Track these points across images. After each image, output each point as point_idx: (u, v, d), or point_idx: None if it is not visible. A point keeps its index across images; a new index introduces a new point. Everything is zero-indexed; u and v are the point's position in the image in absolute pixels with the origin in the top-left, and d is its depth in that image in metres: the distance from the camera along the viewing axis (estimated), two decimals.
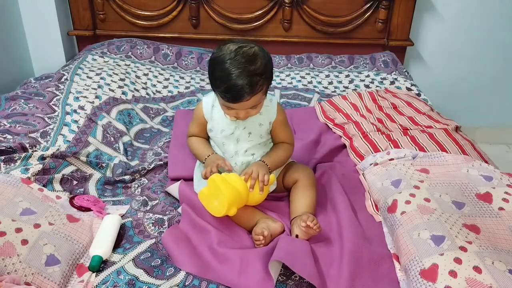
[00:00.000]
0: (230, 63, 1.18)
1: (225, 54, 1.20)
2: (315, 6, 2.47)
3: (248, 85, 1.17)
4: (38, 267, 1.09)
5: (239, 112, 1.26)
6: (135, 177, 1.54)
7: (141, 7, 2.48)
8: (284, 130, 1.40)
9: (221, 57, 1.20)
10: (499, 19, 2.58)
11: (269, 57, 1.25)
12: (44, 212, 1.25)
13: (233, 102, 1.21)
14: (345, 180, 1.51)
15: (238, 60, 1.18)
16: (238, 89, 1.17)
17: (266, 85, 1.24)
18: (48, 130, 1.64)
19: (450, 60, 2.70)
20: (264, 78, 1.21)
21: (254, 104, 1.24)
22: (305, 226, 1.20)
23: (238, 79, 1.17)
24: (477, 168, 1.43)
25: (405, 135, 1.69)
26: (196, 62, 2.44)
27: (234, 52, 1.19)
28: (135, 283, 1.11)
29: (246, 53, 1.19)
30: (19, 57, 2.45)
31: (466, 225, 1.18)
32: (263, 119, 1.36)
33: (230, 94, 1.19)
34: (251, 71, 1.18)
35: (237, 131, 1.34)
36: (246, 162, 1.37)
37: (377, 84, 2.29)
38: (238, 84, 1.17)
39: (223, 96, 1.22)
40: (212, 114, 1.37)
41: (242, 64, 1.18)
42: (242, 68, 1.17)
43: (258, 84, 1.20)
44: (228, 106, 1.25)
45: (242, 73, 1.17)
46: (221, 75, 1.19)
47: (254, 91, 1.20)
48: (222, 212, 1.23)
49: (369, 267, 1.15)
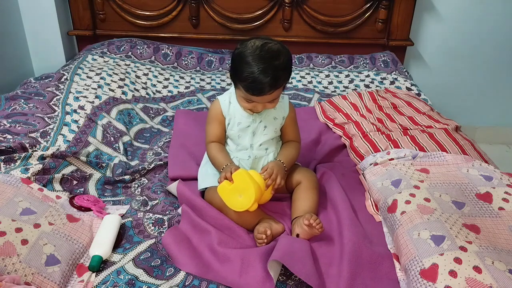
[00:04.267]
0: (256, 58, 1.23)
1: (250, 49, 1.25)
2: (315, 6, 2.47)
3: (272, 79, 1.23)
4: (38, 267, 1.09)
5: (258, 106, 1.31)
6: (135, 177, 1.54)
7: (141, 7, 2.48)
8: (295, 128, 1.46)
9: (247, 52, 1.25)
10: (499, 19, 2.58)
11: (290, 54, 1.31)
12: (44, 212, 1.25)
13: (256, 95, 1.26)
14: (345, 180, 1.51)
15: (263, 56, 1.23)
16: (262, 83, 1.23)
17: (287, 80, 1.30)
18: (48, 130, 1.64)
19: (450, 60, 2.70)
20: (286, 73, 1.28)
21: (274, 98, 1.30)
22: (308, 225, 1.20)
23: (263, 73, 1.22)
24: (477, 168, 1.43)
25: (405, 135, 1.69)
26: (196, 62, 2.44)
27: (260, 48, 1.25)
28: (135, 283, 1.11)
29: (271, 49, 1.25)
30: (19, 57, 2.45)
31: (466, 225, 1.18)
32: (277, 114, 1.41)
33: (254, 88, 1.24)
34: (275, 66, 1.23)
35: (254, 124, 1.39)
36: (259, 156, 1.41)
37: (377, 84, 2.29)
38: (263, 78, 1.22)
39: (247, 89, 1.26)
40: (229, 110, 1.41)
41: (267, 59, 1.23)
42: (268, 63, 1.23)
43: (281, 79, 1.26)
44: (249, 99, 1.29)
45: (267, 68, 1.22)
46: (246, 69, 1.24)
47: (276, 86, 1.25)
48: (246, 207, 1.25)
49: (369, 267, 1.15)
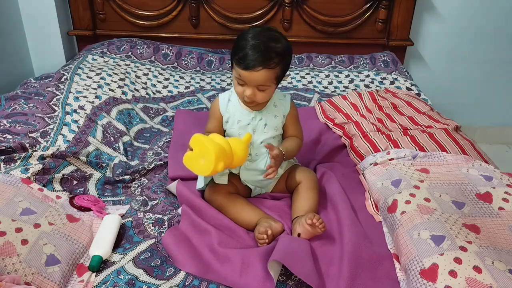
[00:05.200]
0: (254, 36, 1.27)
1: (252, 29, 1.31)
2: (315, 6, 2.47)
3: (262, 56, 1.24)
4: (38, 267, 1.09)
5: (248, 89, 1.30)
6: (135, 177, 1.54)
7: (141, 7, 2.48)
8: (297, 126, 1.46)
9: (248, 32, 1.30)
10: (499, 19, 2.58)
11: (291, 50, 1.32)
12: (44, 212, 1.25)
13: (244, 69, 1.26)
14: (345, 180, 1.51)
15: (261, 34, 1.28)
16: (254, 55, 1.24)
17: (279, 69, 1.29)
18: (48, 130, 1.64)
19: (450, 60, 2.70)
20: (280, 60, 1.27)
21: (262, 82, 1.28)
22: (311, 224, 1.20)
23: (255, 47, 1.25)
24: (477, 168, 1.43)
25: (405, 135, 1.69)
26: (196, 62, 2.44)
27: (261, 30, 1.30)
28: (135, 283, 1.11)
29: (272, 34, 1.29)
30: (19, 57, 2.45)
31: (466, 225, 1.18)
32: (278, 111, 1.40)
33: (244, 59, 1.25)
34: (270, 46, 1.26)
35: (254, 122, 1.38)
36: (260, 154, 1.40)
37: (377, 84, 2.29)
38: (254, 52, 1.24)
39: (237, 62, 1.27)
40: (228, 107, 1.41)
41: (265, 38, 1.27)
42: (263, 41, 1.25)
43: (272, 59, 1.26)
44: (240, 79, 1.29)
45: (261, 44, 1.25)
46: (241, 44, 1.28)
47: (266, 64, 1.25)
48: (210, 168, 1.20)
49: (369, 267, 1.15)
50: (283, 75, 1.33)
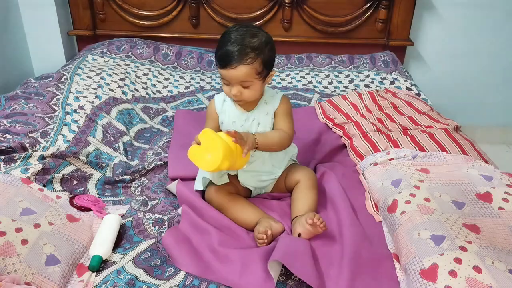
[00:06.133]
0: (230, 33, 1.29)
1: (232, 27, 1.32)
2: (315, 6, 2.47)
3: (238, 52, 1.25)
4: (38, 267, 1.09)
5: (233, 88, 1.30)
6: (135, 177, 1.54)
7: (141, 7, 2.48)
8: (284, 119, 1.39)
9: (228, 30, 1.31)
10: (499, 19, 2.58)
11: (271, 44, 1.32)
12: (44, 212, 1.25)
13: (222, 67, 1.27)
14: (345, 180, 1.51)
15: (238, 32, 1.28)
16: (228, 52, 1.25)
17: (258, 64, 1.27)
18: (48, 130, 1.64)
19: (450, 60, 2.70)
20: (257, 54, 1.26)
21: (243, 78, 1.27)
22: (312, 224, 1.20)
23: (231, 45, 1.26)
24: (477, 168, 1.43)
25: (405, 135, 1.69)
26: (196, 62, 2.44)
27: (239, 27, 1.30)
28: (135, 283, 1.11)
29: (250, 30, 1.29)
30: (19, 57, 2.45)
31: (466, 225, 1.18)
32: (269, 108, 1.39)
33: (221, 58, 1.27)
34: (245, 43, 1.26)
35: (247, 122, 1.38)
36: (257, 155, 1.39)
37: (377, 84, 2.29)
38: (229, 48, 1.25)
39: (216, 62, 1.30)
40: (223, 108, 1.41)
41: (240, 35, 1.27)
42: (239, 38, 1.26)
43: (248, 55, 1.25)
44: (223, 79, 1.31)
45: (237, 41, 1.26)
46: (220, 43, 1.29)
47: (242, 60, 1.25)
48: (216, 164, 1.20)
49: (369, 267, 1.15)
50: (266, 70, 1.31)
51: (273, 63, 1.34)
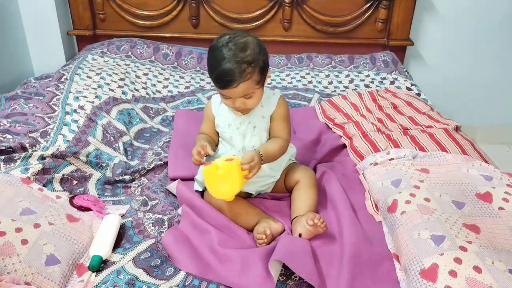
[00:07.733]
0: (222, 51, 1.23)
1: (219, 42, 1.26)
2: (315, 6, 2.47)
3: (235, 71, 1.21)
4: (38, 267, 1.09)
5: (236, 101, 1.28)
6: (135, 177, 1.54)
7: (141, 7, 2.48)
8: (281, 124, 1.38)
9: (215, 46, 1.26)
10: (499, 19, 2.58)
11: (262, 48, 1.29)
12: (44, 212, 1.25)
13: (222, 88, 1.25)
14: (345, 180, 1.51)
15: (229, 48, 1.23)
16: (226, 74, 1.22)
17: (257, 75, 1.26)
18: (48, 130, 1.64)
19: (450, 60, 2.70)
20: (254, 67, 1.24)
21: (245, 93, 1.26)
22: (312, 225, 1.20)
23: (226, 65, 1.22)
24: (477, 168, 1.43)
25: (405, 135, 1.69)
26: (196, 62, 2.44)
27: (227, 41, 1.25)
28: (135, 283, 1.11)
29: (238, 42, 1.24)
30: (19, 57, 2.45)
31: (466, 225, 1.18)
32: (265, 112, 1.37)
33: (220, 80, 1.24)
34: (239, 59, 1.22)
35: (243, 126, 1.37)
36: None
37: (377, 84, 2.29)
38: (226, 69, 1.22)
39: (214, 83, 1.27)
40: (219, 110, 1.40)
41: (232, 51, 1.22)
42: (232, 55, 1.22)
43: (246, 71, 1.23)
44: (223, 94, 1.28)
45: (231, 59, 1.22)
46: (212, 62, 1.26)
47: (242, 78, 1.23)
48: (225, 197, 1.25)
49: (369, 267, 1.15)
50: (264, 76, 1.29)
51: (268, 64, 1.32)
